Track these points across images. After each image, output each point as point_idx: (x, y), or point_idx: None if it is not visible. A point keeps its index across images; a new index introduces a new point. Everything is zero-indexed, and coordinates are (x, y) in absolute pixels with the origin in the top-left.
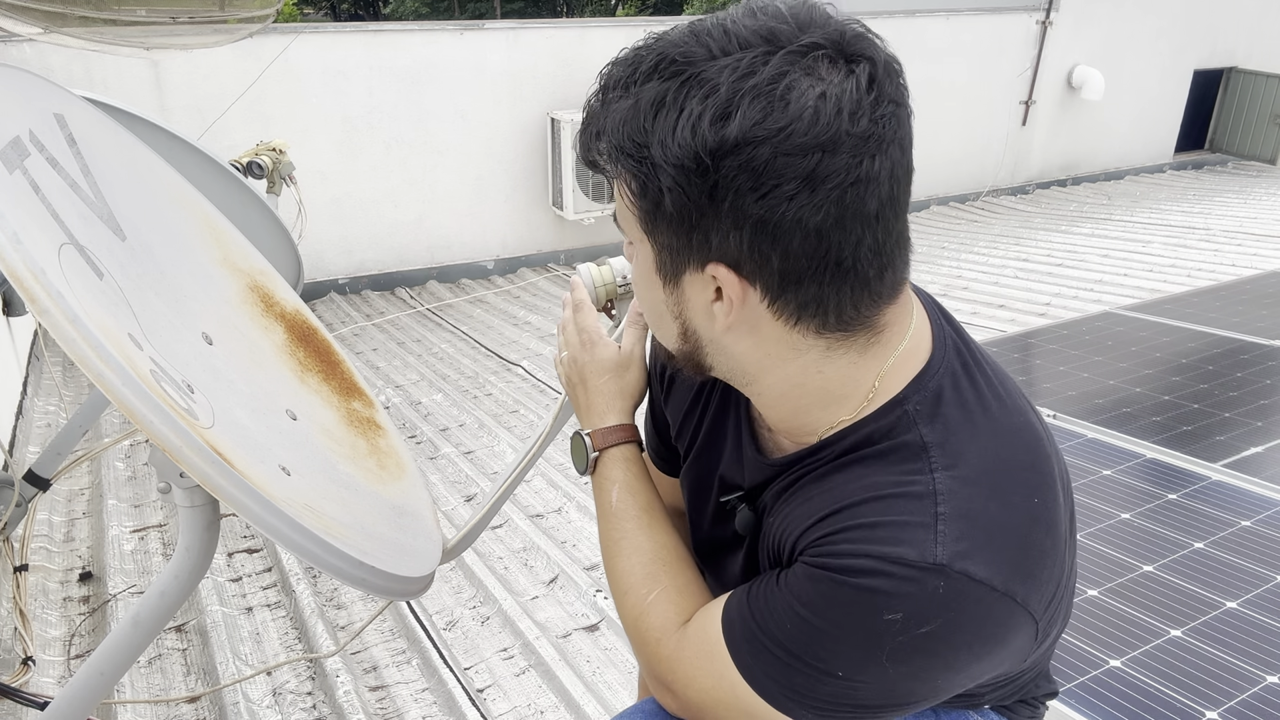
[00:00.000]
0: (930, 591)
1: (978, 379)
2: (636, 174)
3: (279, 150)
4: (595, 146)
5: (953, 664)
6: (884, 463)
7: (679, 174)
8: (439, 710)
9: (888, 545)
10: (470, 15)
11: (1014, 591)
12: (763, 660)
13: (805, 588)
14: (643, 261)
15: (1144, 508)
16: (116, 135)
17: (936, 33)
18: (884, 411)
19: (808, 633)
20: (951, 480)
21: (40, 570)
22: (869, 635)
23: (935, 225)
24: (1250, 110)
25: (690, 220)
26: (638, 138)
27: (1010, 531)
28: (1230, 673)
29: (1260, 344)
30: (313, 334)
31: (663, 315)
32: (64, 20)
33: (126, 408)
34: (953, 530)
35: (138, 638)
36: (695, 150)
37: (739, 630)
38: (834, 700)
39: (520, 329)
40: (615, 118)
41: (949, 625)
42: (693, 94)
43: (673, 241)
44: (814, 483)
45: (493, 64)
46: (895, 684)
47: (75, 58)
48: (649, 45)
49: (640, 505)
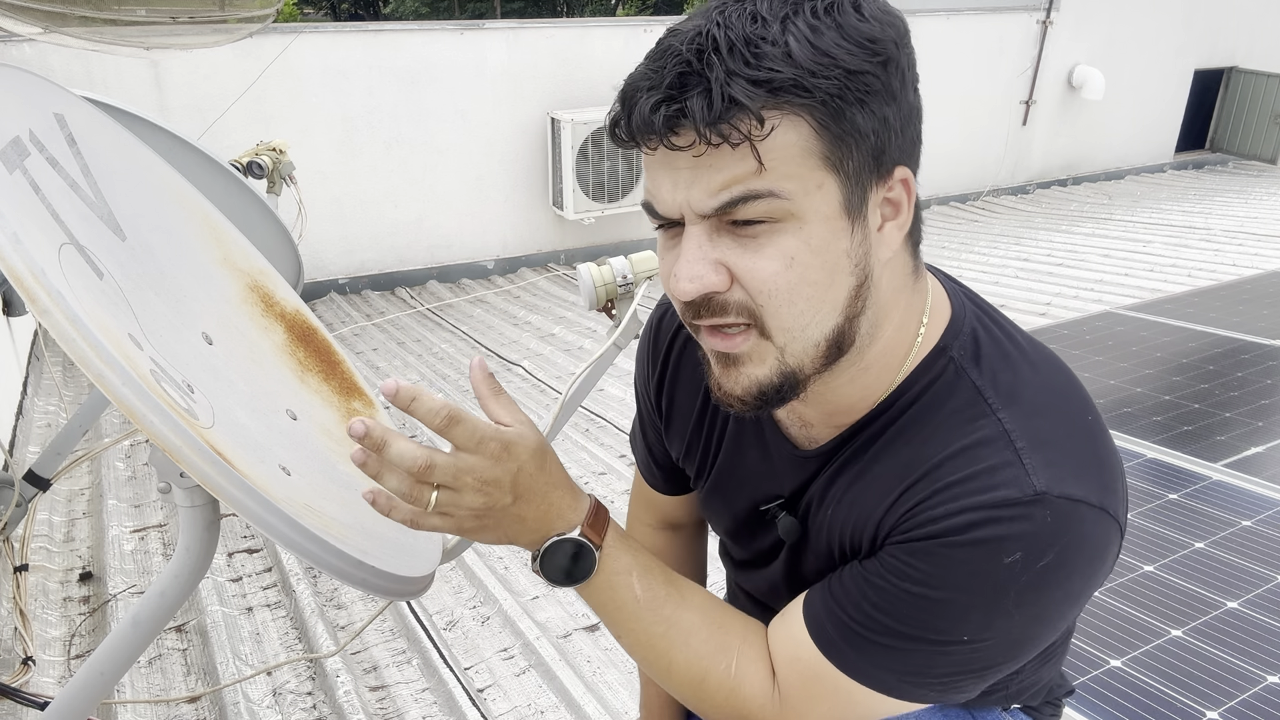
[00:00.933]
0: (1040, 522)
1: (997, 318)
2: (832, 94)
3: (279, 150)
4: (746, 97)
5: (1070, 592)
6: (943, 417)
7: (877, 69)
8: (439, 710)
9: (986, 493)
10: (470, 15)
11: (1106, 504)
12: (872, 654)
13: (912, 565)
14: (822, 212)
15: (1144, 508)
16: (116, 135)
17: (936, 33)
18: (930, 362)
19: (926, 609)
20: (1015, 417)
21: (40, 570)
22: (994, 586)
23: (935, 225)
24: (1251, 110)
25: (886, 121)
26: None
27: (1084, 450)
28: (1230, 673)
29: (1261, 344)
30: (313, 334)
31: (835, 278)
32: (64, 20)
33: (126, 408)
34: (1038, 460)
35: (138, 638)
36: (884, 39)
37: (836, 637)
38: (957, 669)
39: (520, 329)
40: (778, 50)
41: (1063, 551)
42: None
43: (864, 160)
44: (873, 462)
45: (492, 64)
46: (1021, 630)
47: (75, 58)
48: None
49: (663, 578)
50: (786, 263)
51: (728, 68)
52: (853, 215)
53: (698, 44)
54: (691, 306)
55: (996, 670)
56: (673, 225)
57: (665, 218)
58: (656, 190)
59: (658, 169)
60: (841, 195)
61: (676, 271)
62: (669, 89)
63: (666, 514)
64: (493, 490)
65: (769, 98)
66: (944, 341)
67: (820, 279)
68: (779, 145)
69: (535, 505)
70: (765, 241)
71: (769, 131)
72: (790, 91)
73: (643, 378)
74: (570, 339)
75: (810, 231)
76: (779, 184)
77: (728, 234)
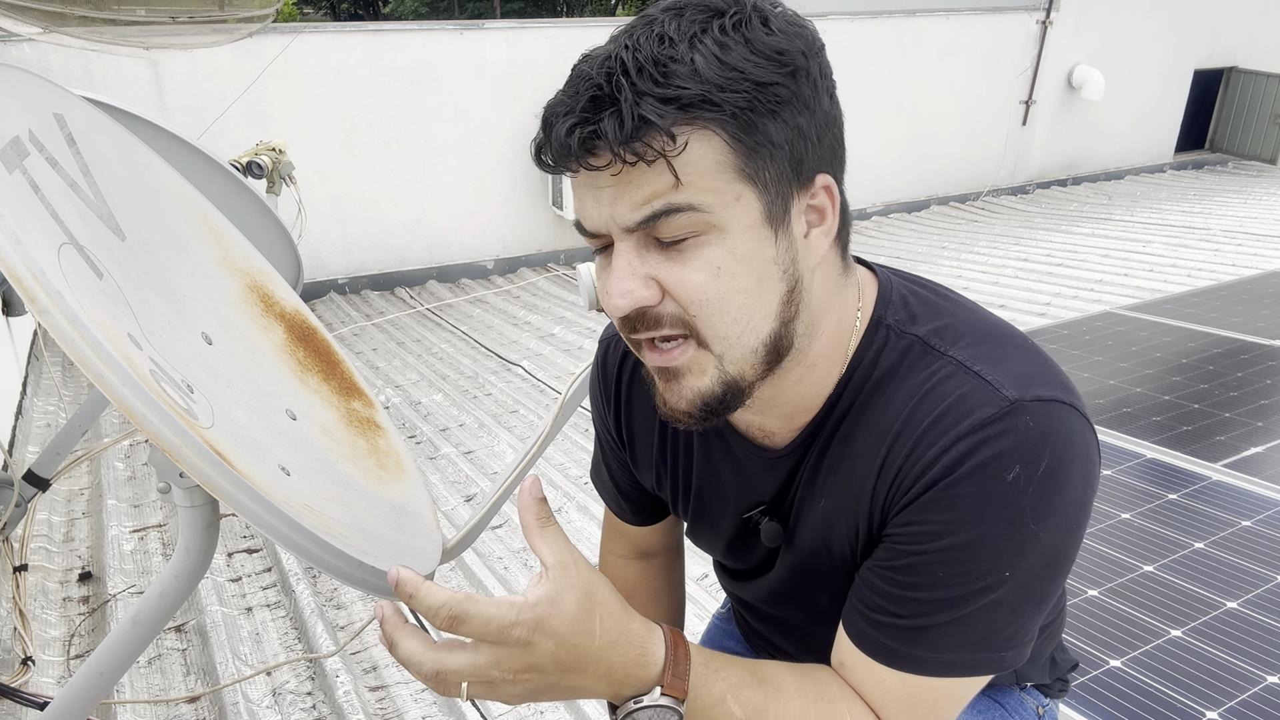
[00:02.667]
0: (1025, 429)
1: (923, 281)
2: (742, 108)
3: (279, 150)
4: (656, 116)
5: (1075, 497)
6: (898, 376)
7: (786, 80)
8: (439, 710)
9: (965, 420)
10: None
11: (1075, 403)
12: (941, 640)
13: (925, 522)
14: (744, 222)
15: (1144, 508)
16: (116, 135)
17: (936, 33)
18: (870, 336)
19: (960, 560)
20: (964, 348)
21: (40, 570)
22: (1010, 507)
23: (935, 225)
24: (1250, 110)
25: (800, 130)
26: (732, 65)
27: (1036, 360)
28: (1230, 673)
29: (1260, 344)
30: (312, 334)
31: (764, 285)
32: (64, 20)
33: (126, 408)
34: (1001, 375)
35: (137, 638)
36: (792, 50)
37: (901, 647)
38: (1016, 614)
39: (520, 329)
40: (685, 68)
41: (1055, 451)
42: (732, 16)
43: (781, 169)
44: (846, 443)
45: (492, 64)
46: (1051, 546)
47: (75, 58)
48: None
49: (755, 681)
50: (713, 273)
51: (637, 88)
52: (775, 224)
53: (607, 68)
54: (628, 321)
55: (1047, 601)
56: (606, 247)
57: (594, 234)
58: (583, 209)
59: (583, 189)
60: (761, 205)
61: (608, 288)
62: (583, 112)
63: (638, 543)
64: (531, 675)
65: (679, 114)
66: (877, 314)
67: (749, 286)
68: (693, 160)
69: (592, 674)
70: (691, 254)
71: (682, 147)
72: (699, 107)
73: (599, 414)
74: (570, 339)
75: (734, 241)
76: (697, 197)
77: (655, 249)
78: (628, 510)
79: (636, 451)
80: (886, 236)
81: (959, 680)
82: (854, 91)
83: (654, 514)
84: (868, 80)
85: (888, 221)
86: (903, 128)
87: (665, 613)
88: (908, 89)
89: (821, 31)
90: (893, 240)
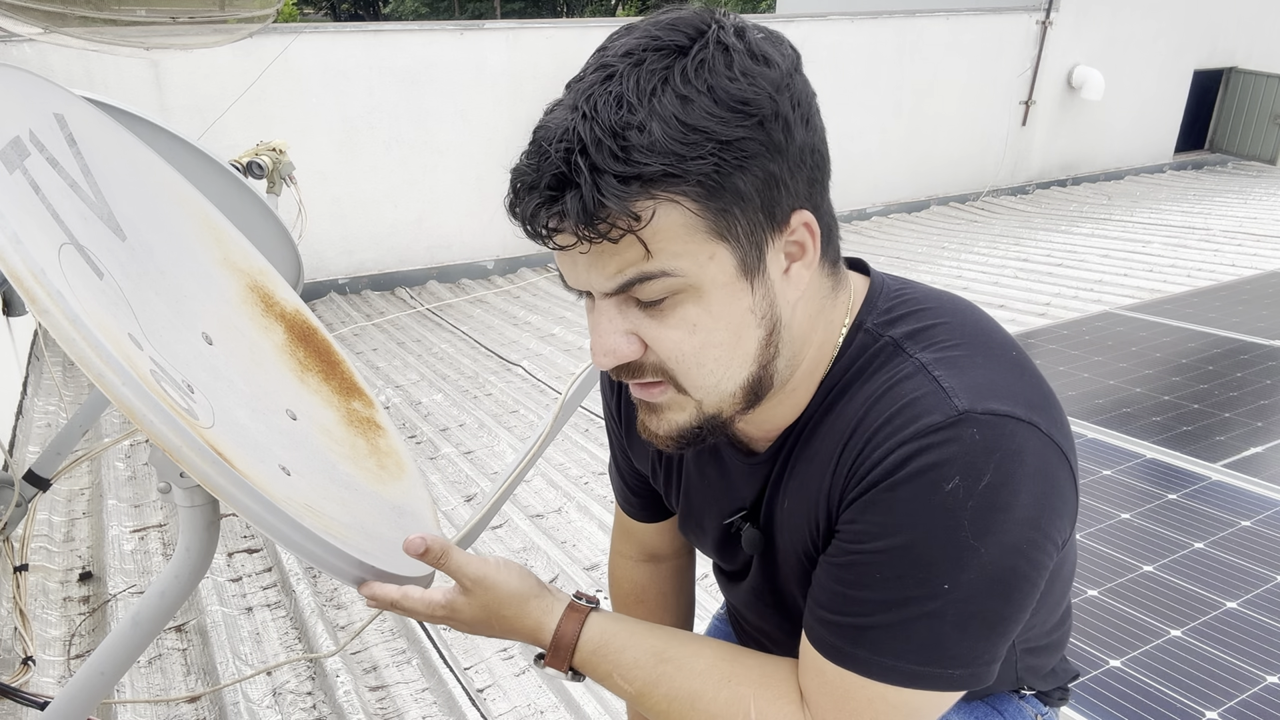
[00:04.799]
0: (970, 442)
1: (914, 284)
2: (707, 173)
3: (279, 150)
4: (624, 190)
5: (1026, 516)
6: (864, 376)
7: (754, 132)
8: (439, 710)
9: (910, 425)
10: (470, 15)
11: (1036, 421)
12: (878, 643)
13: (864, 523)
14: (718, 280)
15: (1144, 508)
16: (116, 135)
17: (936, 33)
18: (847, 343)
19: (894, 564)
20: (934, 354)
21: (40, 570)
22: (945, 517)
23: (935, 225)
24: (1250, 110)
25: (772, 176)
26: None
27: (1008, 375)
28: (1230, 673)
29: (1260, 344)
30: (313, 334)
31: (741, 335)
32: (64, 20)
33: (126, 408)
34: (958, 383)
35: (138, 638)
36: (757, 98)
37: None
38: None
39: (520, 329)
40: (644, 139)
41: (1000, 468)
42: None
43: (754, 219)
44: (812, 442)
45: (493, 64)
46: (996, 565)
47: (75, 58)
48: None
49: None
50: (689, 330)
51: (595, 166)
52: (750, 274)
53: (565, 143)
54: (614, 370)
55: (1004, 625)
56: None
57: (578, 290)
58: (563, 270)
59: (559, 255)
60: (735, 259)
61: (593, 345)
62: (547, 189)
63: (647, 544)
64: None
65: (641, 190)
66: (860, 318)
67: (725, 339)
68: (661, 229)
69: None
70: (669, 312)
71: (648, 219)
72: (662, 181)
73: (604, 401)
74: (570, 339)
75: (710, 299)
76: (669, 263)
77: (635, 306)
78: (634, 505)
79: (634, 444)
80: (886, 236)
81: (901, 690)
82: (854, 91)
83: (658, 510)
84: (868, 80)
85: (888, 221)
86: (903, 128)
87: (673, 618)
88: (908, 89)
89: (821, 31)
90: (893, 240)
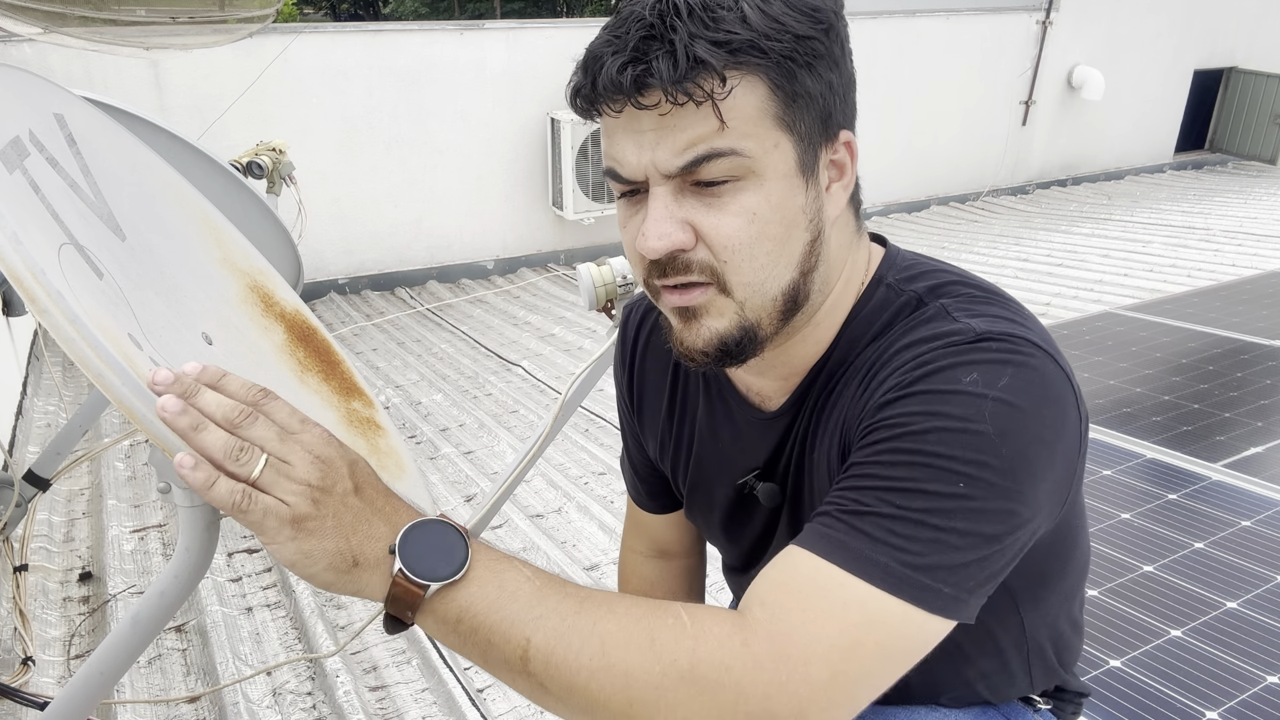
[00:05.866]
0: (988, 351)
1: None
2: (782, 57)
3: (279, 150)
4: (714, 52)
5: (1041, 434)
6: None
7: (821, 36)
8: (439, 710)
9: (932, 341)
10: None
11: (1051, 351)
12: (871, 530)
13: (884, 422)
14: (780, 170)
15: (1144, 508)
16: (116, 135)
17: (936, 33)
18: (869, 293)
19: (914, 451)
20: (953, 302)
21: (40, 570)
22: (965, 404)
23: (935, 225)
24: (1250, 110)
25: (831, 85)
26: (774, 17)
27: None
28: (1230, 673)
29: (1260, 344)
30: (313, 334)
31: (791, 233)
32: (64, 20)
33: (126, 408)
34: (978, 321)
35: (138, 638)
36: (824, 8)
37: (835, 532)
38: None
39: (520, 329)
40: (733, 15)
41: (1018, 375)
42: None
43: (814, 122)
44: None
45: (492, 64)
46: (1011, 478)
47: (75, 58)
48: None
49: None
50: (749, 219)
51: (690, 30)
52: (806, 174)
53: (659, 9)
54: (657, 266)
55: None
56: (635, 193)
57: (630, 181)
58: (621, 155)
59: (621, 133)
60: (796, 154)
61: (645, 230)
62: (634, 51)
63: (657, 539)
64: (327, 469)
65: (729, 58)
66: (880, 273)
67: (779, 234)
68: (738, 105)
69: (380, 500)
70: (729, 199)
71: (730, 90)
72: (748, 52)
73: (617, 381)
74: (570, 339)
75: (770, 188)
76: (739, 143)
77: (692, 194)
78: (643, 493)
79: (644, 415)
80: (886, 236)
81: (884, 599)
82: None
83: (668, 499)
84: (868, 80)
85: (888, 221)
86: (903, 128)
87: None
88: (907, 89)
89: None
90: (892, 240)
